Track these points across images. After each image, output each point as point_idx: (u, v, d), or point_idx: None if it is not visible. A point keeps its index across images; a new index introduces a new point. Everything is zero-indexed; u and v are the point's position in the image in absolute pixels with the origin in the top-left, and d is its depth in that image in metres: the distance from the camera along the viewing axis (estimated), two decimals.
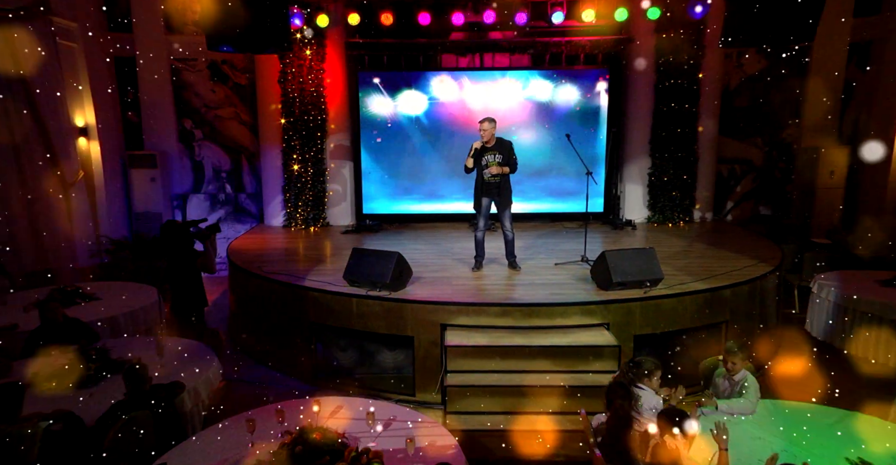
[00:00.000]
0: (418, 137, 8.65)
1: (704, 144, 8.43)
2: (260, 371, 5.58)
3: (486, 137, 5.48)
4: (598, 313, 4.79)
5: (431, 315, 4.80)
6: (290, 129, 8.35)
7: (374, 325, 4.96)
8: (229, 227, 9.47)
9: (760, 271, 5.67)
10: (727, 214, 9.40)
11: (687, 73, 8.10)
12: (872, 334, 5.53)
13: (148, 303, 5.29)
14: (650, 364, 3.46)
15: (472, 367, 4.48)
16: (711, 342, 5.17)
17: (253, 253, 6.86)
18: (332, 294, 5.09)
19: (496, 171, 5.52)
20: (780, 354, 5.90)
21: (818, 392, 4.16)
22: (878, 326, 5.48)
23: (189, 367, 3.92)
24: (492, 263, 6.13)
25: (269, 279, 5.57)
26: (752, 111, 9.11)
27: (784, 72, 8.83)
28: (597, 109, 8.56)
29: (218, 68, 9.02)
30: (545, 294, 5.02)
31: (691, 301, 4.99)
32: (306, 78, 8.20)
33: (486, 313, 4.79)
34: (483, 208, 5.75)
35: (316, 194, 8.51)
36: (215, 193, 9.43)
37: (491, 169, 5.52)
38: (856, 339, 5.65)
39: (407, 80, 8.49)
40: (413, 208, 8.83)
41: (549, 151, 8.57)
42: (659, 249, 6.65)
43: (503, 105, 8.45)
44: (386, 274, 4.98)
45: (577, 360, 4.47)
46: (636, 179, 8.58)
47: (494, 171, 5.52)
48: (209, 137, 9.28)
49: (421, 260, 6.36)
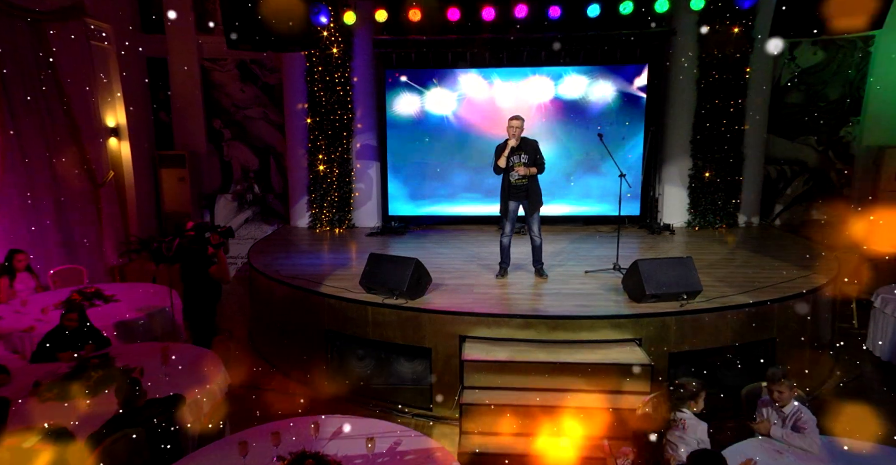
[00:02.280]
0: (446, 135, 8.38)
1: (751, 144, 7.84)
2: (275, 379, 5.44)
3: (517, 135, 5.18)
4: (630, 327, 4.42)
5: (449, 326, 4.53)
6: (315, 128, 8.23)
7: (390, 334, 4.73)
8: (256, 228, 9.46)
9: (812, 283, 5.16)
10: (775, 219, 8.77)
11: (733, 67, 7.54)
12: None
13: (166, 306, 5.22)
14: (694, 386, 3.09)
15: (491, 383, 4.20)
16: (756, 362, 4.72)
17: (274, 255, 6.75)
18: (348, 302, 4.89)
19: (523, 172, 5.21)
20: (836, 378, 5.37)
21: (881, 428, 3.69)
22: None
23: (194, 377, 3.78)
24: (518, 270, 5.81)
25: (285, 284, 5.42)
26: (806, 108, 8.44)
27: (841, 64, 8.14)
28: (634, 106, 8.10)
29: (247, 68, 9.00)
30: (572, 306, 4.68)
31: (733, 316, 4.56)
32: (333, 76, 8.06)
33: (507, 324, 4.49)
34: (510, 213, 5.44)
35: (342, 195, 8.36)
36: (243, 193, 9.42)
37: (518, 170, 5.21)
38: None
39: (435, 78, 8.24)
40: (440, 210, 8.58)
41: (582, 150, 8.16)
42: (699, 256, 6.22)
43: (535, 103, 8.09)
44: (403, 281, 4.74)
45: (606, 379, 4.13)
46: (676, 181, 8.07)
47: (522, 172, 5.21)
48: (238, 136, 9.27)
49: (444, 265, 6.11)
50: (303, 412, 4.67)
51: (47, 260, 6.42)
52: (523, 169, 5.21)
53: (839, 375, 5.42)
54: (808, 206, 8.74)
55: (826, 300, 5.28)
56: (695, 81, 7.71)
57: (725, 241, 7.26)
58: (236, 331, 6.70)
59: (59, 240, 6.69)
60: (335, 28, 7.79)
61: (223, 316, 7.12)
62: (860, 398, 4.96)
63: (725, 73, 7.56)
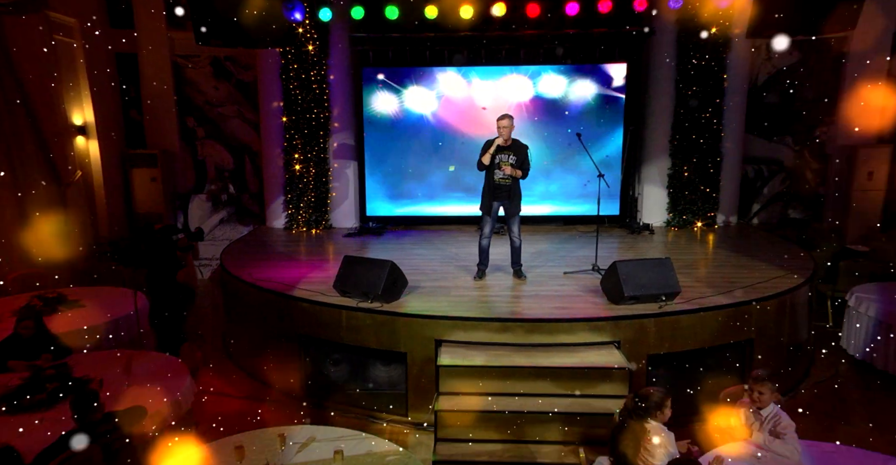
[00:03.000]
0: (425, 135, 8.27)
1: (729, 144, 7.86)
2: (248, 385, 5.28)
3: (505, 135, 5.10)
4: (608, 330, 4.36)
5: (425, 330, 4.43)
6: (291, 127, 8.05)
7: (364, 339, 4.61)
8: (231, 228, 9.24)
9: (790, 283, 5.16)
10: (753, 218, 8.82)
11: (711, 67, 7.55)
12: None
13: (132, 311, 5.02)
14: (658, 396, 3.03)
15: (467, 389, 4.10)
16: (734, 363, 4.70)
17: (248, 257, 6.57)
18: (321, 305, 4.76)
19: (509, 171, 5.14)
20: (812, 377, 5.39)
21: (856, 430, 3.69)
22: None
23: (158, 387, 3.62)
24: (496, 271, 5.73)
25: (257, 287, 5.27)
26: (782, 108, 8.50)
27: (817, 64, 8.20)
28: (613, 105, 8.07)
29: (221, 65, 8.77)
30: (551, 308, 4.61)
31: (712, 317, 4.53)
32: (308, 74, 7.89)
33: (484, 328, 4.40)
34: (492, 212, 5.36)
35: (318, 195, 8.20)
36: (218, 193, 9.19)
37: (504, 168, 5.13)
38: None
39: (413, 76, 8.11)
40: (419, 210, 8.47)
41: (562, 150, 8.11)
42: (678, 256, 6.21)
43: (514, 102, 8.02)
44: (378, 284, 4.63)
45: (584, 383, 4.06)
46: (655, 181, 8.07)
47: (508, 171, 5.13)
48: (212, 135, 9.04)
49: (421, 267, 6.00)
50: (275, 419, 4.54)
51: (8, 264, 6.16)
52: (510, 168, 5.14)
53: (815, 374, 5.44)
54: (784, 205, 8.81)
55: (803, 300, 5.29)
56: (673, 80, 7.71)
57: (704, 240, 7.28)
58: (210, 335, 6.51)
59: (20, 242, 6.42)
60: (310, 24, 7.63)
61: (198, 320, 6.94)
62: (836, 397, 4.98)
63: (703, 72, 7.57)
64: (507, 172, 5.13)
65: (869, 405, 4.82)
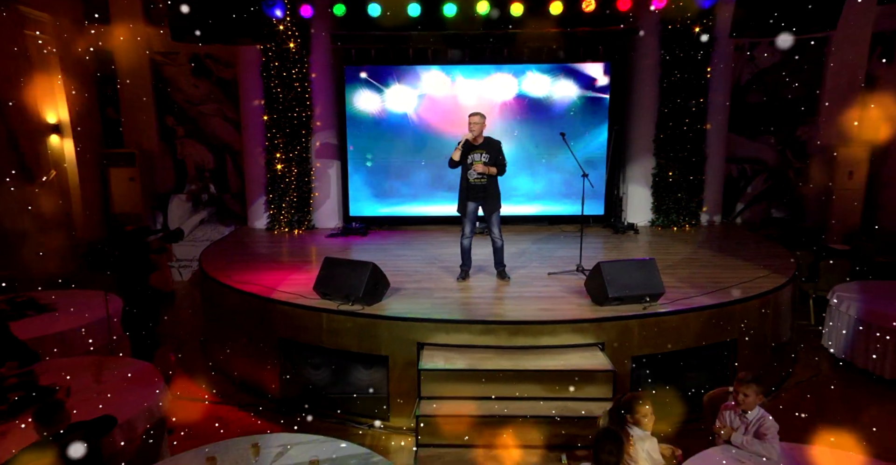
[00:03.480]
0: (409, 134, 8.18)
1: (713, 143, 7.88)
2: (227, 390, 5.16)
3: (475, 132, 5.03)
4: (592, 331, 4.32)
5: (407, 333, 4.35)
6: (273, 126, 7.91)
7: (345, 342, 4.52)
8: (212, 229, 9.08)
9: (773, 282, 5.16)
10: (737, 217, 8.87)
11: (695, 66, 7.55)
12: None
13: (105, 316, 4.87)
14: (636, 403, 2.98)
15: (450, 392, 4.03)
16: (718, 364, 4.69)
17: (227, 259, 6.44)
18: (301, 308, 4.66)
19: (481, 169, 5.06)
20: (795, 377, 5.40)
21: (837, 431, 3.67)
22: None
23: (130, 394, 3.50)
24: (480, 272, 5.67)
25: (236, 290, 5.14)
26: (765, 108, 8.55)
27: (799, 65, 8.26)
28: (598, 105, 8.05)
29: (201, 62, 8.60)
30: (534, 310, 4.56)
31: (696, 318, 4.51)
32: (290, 72, 7.75)
33: (467, 330, 4.33)
34: (469, 213, 5.30)
35: (301, 195, 8.07)
36: (198, 193, 9.03)
37: (476, 167, 5.06)
38: (880, 358, 5.15)
39: (396, 74, 8.02)
40: (403, 210, 8.38)
41: (547, 149, 8.07)
42: (662, 256, 6.20)
43: (498, 101, 7.96)
44: (359, 287, 4.54)
45: (568, 385, 4.01)
46: (640, 180, 8.06)
47: (480, 169, 5.06)
48: (192, 134, 8.87)
49: (404, 268, 5.92)
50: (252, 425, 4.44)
51: None
52: (481, 166, 5.06)
53: (798, 373, 5.46)
54: (767, 204, 8.86)
55: (786, 299, 5.30)
56: (657, 79, 7.70)
57: (689, 240, 7.28)
58: (188, 339, 6.36)
59: None
60: (291, 21, 7.50)
61: (177, 323, 6.78)
62: (817, 397, 4.99)
63: (687, 72, 7.57)
64: (480, 170, 5.06)
65: (850, 404, 4.84)
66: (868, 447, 3.30)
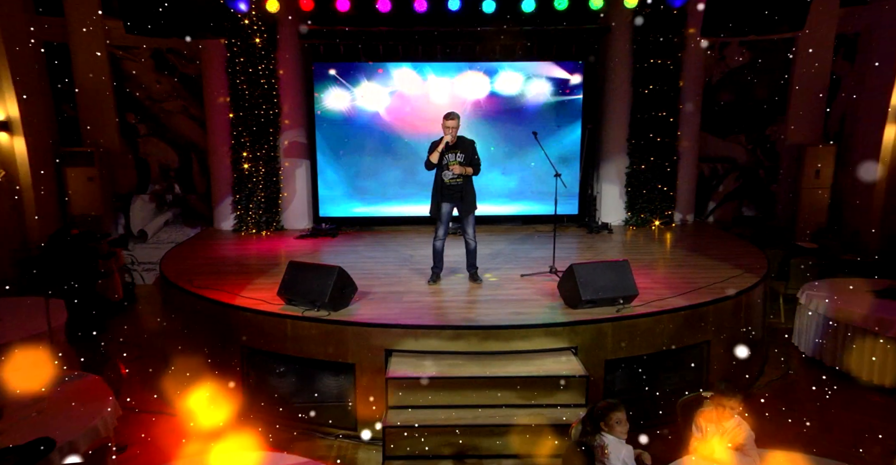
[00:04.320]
0: (380, 132, 8.00)
1: (686, 142, 7.90)
2: (187, 400, 4.91)
3: (453, 133, 4.91)
4: (565, 335, 4.23)
5: (374, 339, 4.20)
6: (239, 124, 7.66)
7: (311, 350, 4.34)
8: (178, 230, 8.76)
9: (746, 282, 5.15)
10: (709, 216, 8.92)
11: (666, 66, 7.54)
12: (867, 351, 5.06)
13: (55, 326, 4.59)
14: (609, 410, 2.88)
15: (418, 401, 3.89)
16: (691, 365, 4.64)
17: (190, 262, 6.19)
18: (265, 315, 4.46)
19: (458, 170, 4.94)
20: (766, 376, 5.40)
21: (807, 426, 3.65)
22: (874, 342, 5.02)
23: (74, 412, 3.27)
24: (451, 274, 5.54)
25: (196, 295, 4.91)
26: (735, 107, 8.61)
27: (768, 65, 8.33)
28: (571, 103, 7.99)
29: (163, 57, 8.27)
30: (507, 314, 4.45)
31: (670, 320, 4.45)
32: (256, 68, 7.50)
33: (437, 336, 4.20)
34: (444, 215, 5.16)
35: (268, 196, 7.83)
36: (162, 193, 8.70)
37: (453, 168, 4.93)
38: (849, 357, 5.18)
39: (366, 72, 7.83)
40: (374, 210, 8.20)
41: (520, 148, 7.98)
42: (636, 256, 6.16)
43: (470, 99, 7.84)
44: (325, 292, 4.36)
45: (540, 392, 3.91)
46: (614, 179, 8.04)
47: (457, 170, 4.94)
48: (155, 132, 8.53)
49: (374, 271, 5.76)
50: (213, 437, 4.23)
51: None
52: (458, 167, 4.94)
53: (768, 372, 5.47)
54: (739, 202, 8.94)
55: (758, 299, 5.30)
56: (630, 78, 7.68)
57: (662, 240, 7.27)
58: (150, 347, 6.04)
59: None
60: (257, 16, 7.25)
61: (140, 330, 6.47)
62: (788, 396, 5.00)
63: (659, 71, 7.56)
64: (457, 172, 4.94)
65: (819, 403, 4.86)
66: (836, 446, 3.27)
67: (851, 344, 5.17)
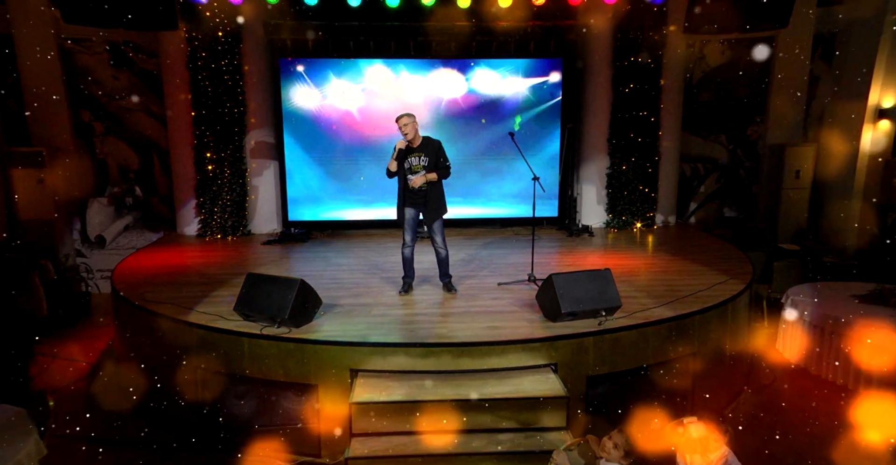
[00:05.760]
0: (351, 132, 7.64)
1: (667, 142, 7.71)
2: (138, 426, 4.52)
3: (409, 135, 4.58)
4: (544, 351, 3.95)
5: (339, 358, 3.88)
6: (202, 123, 7.24)
7: (270, 370, 4.00)
8: (139, 235, 8.31)
9: (732, 290, 4.94)
10: (690, 217, 8.76)
11: (647, 64, 7.32)
12: (853, 359, 4.90)
13: None
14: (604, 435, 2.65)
15: (386, 427, 3.58)
16: (677, 379, 4.41)
17: (147, 271, 5.78)
18: (220, 332, 4.10)
19: (420, 181, 4.64)
20: (752, 384, 5.21)
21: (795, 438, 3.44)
22: (860, 350, 4.86)
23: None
24: (424, 283, 5.23)
25: (147, 310, 4.53)
26: (716, 106, 8.46)
27: (748, 64, 8.19)
28: (550, 103, 7.73)
29: (120, 51, 7.79)
30: (482, 328, 4.16)
31: (654, 333, 4.21)
32: (219, 64, 7.09)
33: (407, 353, 3.89)
34: (409, 220, 4.85)
35: (234, 199, 7.43)
36: (122, 196, 8.22)
37: (415, 180, 4.63)
38: (835, 364, 5.02)
39: (336, 68, 7.46)
40: (346, 214, 7.85)
41: (497, 148, 7.70)
42: (618, 263, 5.93)
43: (446, 97, 7.53)
44: (285, 307, 4.02)
45: (518, 414, 3.63)
46: (594, 180, 7.81)
47: (418, 182, 4.64)
48: (113, 131, 8.06)
49: (342, 280, 5.43)
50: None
51: None
52: (421, 178, 4.63)
53: (754, 381, 5.28)
54: (720, 203, 8.80)
55: (743, 306, 5.10)
56: (610, 77, 7.45)
57: (644, 243, 7.06)
58: (95, 367, 5.56)
59: None
60: (218, 8, 6.83)
61: (87, 348, 6.01)
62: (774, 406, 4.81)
63: (640, 69, 7.34)
64: (419, 184, 4.63)
65: (806, 414, 4.68)
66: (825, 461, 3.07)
67: (838, 352, 5.01)
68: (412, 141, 4.62)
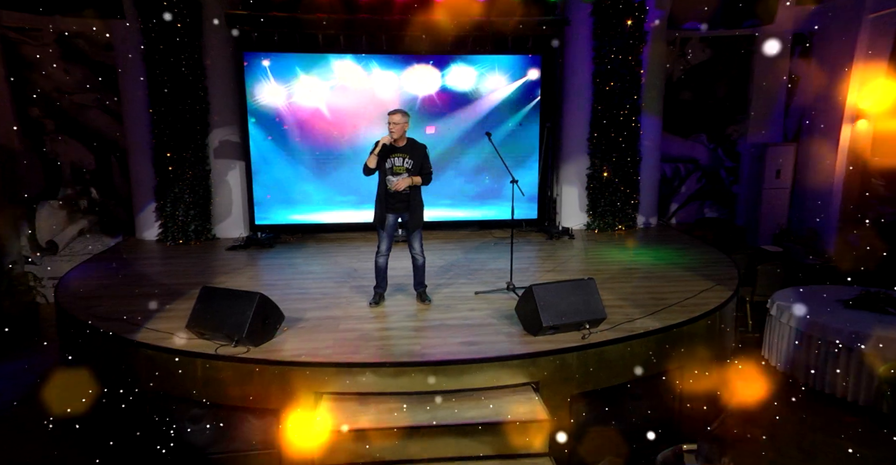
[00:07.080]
0: (320, 130, 7.28)
1: (648, 142, 7.51)
2: (79, 457, 4.12)
3: (396, 134, 4.26)
4: (525, 369, 3.68)
5: (301, 380, 3.54)
6: (161, 121, 6.80)
7: (226, 394, 3.65)
8: (96, 240, 7.80)
9: (717, 296, 4.74)
10: (672, 218, 8.61)
11: (627, 61, 7.10)
12: (841, 366, 4.75)
13: None
14: None
15: (354, 455, 3.26)
16: (664, 393, 4.19)
17: (97, 282, 5.35)
18: (170, 352, 3.72)
19: (404, 185, 4.32)
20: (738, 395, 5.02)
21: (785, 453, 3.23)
22: (847, 357, 4.71)
23: None
24: (398, 292, 4.92)
25: (90, 326, 4.12)
26: (697, 106, 8.31)
27: (728, 62, 8.04)
28: (529, 100, 7.47)
29: (70, 43, 7.27)
30: (457, 343, 3.86)
31: (641, 345, 3.97)
32: (178, 57, 6.65)
33: (376, 373, 3.58)
34: (388, 227, 4.52)
35: (197, 201, 7.00)
36: (76, 198, 7.71)
37: (398, 183, 4.30)
38: (822, 372, 4.86)
39: (304, 63, 7.08)
40: (317, 217, 7.48)
41: (475, 149, 7.41)
42: (600, 268, 5.70)
43: (420, 95, 7.21)
44: (242, 324, 3.67)
45: (496, 439, 3.35)
46: (574, 181, 7.58)
47: (402, 185, 4.31)
48: (65, 129, 7.55)
49: (310, 290, 5.08)
50: None
51: None
52: (405, 181, 4.31)
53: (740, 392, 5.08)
54: (701, 203, 8.67)
55: (730, 314, 4.91)
56: (590, 74, 7.22)
57: (626, 246, 6.85)
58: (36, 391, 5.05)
59: None
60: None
61: (32, 366, 5.51)
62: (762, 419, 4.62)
63: (620, 67, 7.12)
64: (402, 187, 4.31)
65: (795, 426, 4.51)
66: None
67: (824, 359, 4.85)
68: (397, 140, 4.30)
